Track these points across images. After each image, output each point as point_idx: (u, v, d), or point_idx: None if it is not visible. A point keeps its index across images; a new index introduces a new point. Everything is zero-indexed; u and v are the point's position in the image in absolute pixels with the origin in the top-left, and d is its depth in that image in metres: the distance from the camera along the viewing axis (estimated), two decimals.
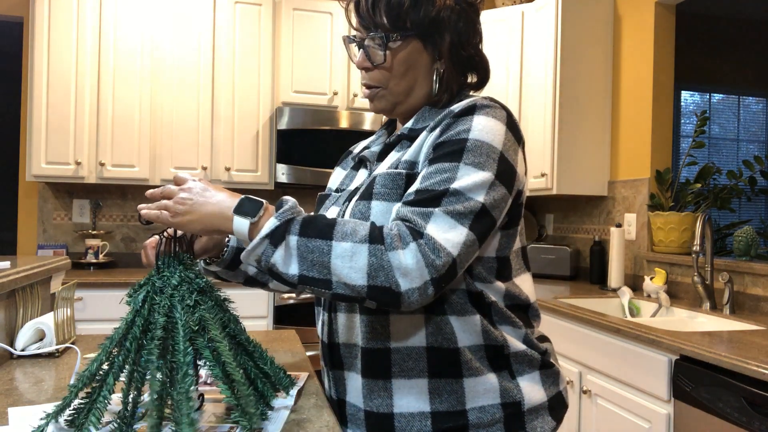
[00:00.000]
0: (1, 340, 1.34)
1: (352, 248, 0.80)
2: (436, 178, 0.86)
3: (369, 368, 0.95)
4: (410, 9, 0.96)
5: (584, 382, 2.15)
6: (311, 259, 0.81)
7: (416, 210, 0.84)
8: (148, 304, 0.85)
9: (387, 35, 0.97)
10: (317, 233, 0.82)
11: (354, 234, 0.82)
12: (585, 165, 3.03)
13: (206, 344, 0.84)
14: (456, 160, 0.87)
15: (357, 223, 0.84)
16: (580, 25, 3.00)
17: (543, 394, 0.99)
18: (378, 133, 1.16)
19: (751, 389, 1.47)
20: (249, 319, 2.96)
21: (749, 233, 2.34)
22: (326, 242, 0.81)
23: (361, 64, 1.02)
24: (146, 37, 3.14)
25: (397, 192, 0.93)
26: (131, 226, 3.46)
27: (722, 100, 5.13)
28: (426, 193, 0.86)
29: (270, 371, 0.96)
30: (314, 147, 3.27)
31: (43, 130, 3.01)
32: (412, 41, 0.99)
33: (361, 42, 1.01)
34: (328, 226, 0.83)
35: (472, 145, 0.89)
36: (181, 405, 0.77)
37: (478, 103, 0.95)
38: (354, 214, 0.95)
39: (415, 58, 1.00)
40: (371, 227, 0.83)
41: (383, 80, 1.01)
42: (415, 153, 0.96)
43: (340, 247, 0.81)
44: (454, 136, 0.90)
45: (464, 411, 0.93)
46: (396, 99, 1.03)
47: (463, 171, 0.86)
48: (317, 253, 0.81)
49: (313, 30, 3.35)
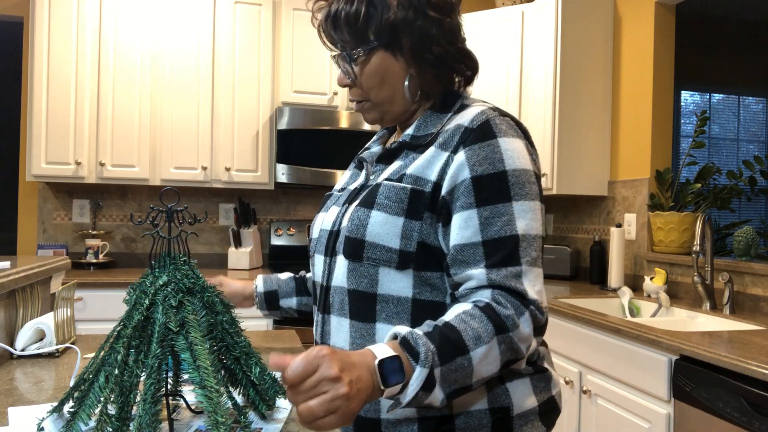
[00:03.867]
0: (1, 340, 1.34)
1: (486, 350, 0.83)
2: (497, 224, 0.89)
3: None
4: (367, 20, 0.95)
5: (584, 382, 2.15)
6: (455, 378, 0.80)
7: (507, 274, 0.88)
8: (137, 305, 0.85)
9: (349, 52, 0.97)
10: (455, 352, 0.80)
11: (481, 335, 0.82)
12: (585, 165, 3.03)
13: (187, 347, 0.83)
14: (506, 199, 0.90)
15: (472, 317, 0.82)
16: (580, 25, 3.00)
17: (533, 400, 0.97)
18: (379, 133, 1.16)
19: (751, 389, 1.47)
20: (249, 319, 2.93)
21: (749, 233, 2.34)
22: (465, 357, 0.81)
23: (340, 82, 1.03)
24: (146, 38, 3.14)
25: (400, 206, 0.92)
26: (131, 226, 3.46)
27: (722, 100, 5.13)
28: (498, 246, 0.88)
29: (256, 380, 0.94)
30: (314, 147, 3.27)
31: (43, 130, 3.01)
32: (377, 52, 0.97)
33: (336, 60, 1.02)
34: (458, 340, 0.80)
35: (512, 176, 0.91)
36: (141, 408, 0.77)
37: (491, 121, 0.93)
38: (352, 221, 0.95)
39: (386, 67, 0.98)
40: (493, 319, 0.83)
41: (363, 94, 1.02)
42: (422, 168, 0.94)
43: (477, 355, 0.82)
44: (490, 170, 0.90)
45: (451, 416, 0.92)
46: (382, 109, 1.02)
47: (517, 208, 0.90)
48: (460, 372, 0.81)
49: (313, 30, 3.34)
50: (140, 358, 0.82)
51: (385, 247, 0.92)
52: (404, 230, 0.92)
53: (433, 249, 0.93)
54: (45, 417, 0.88)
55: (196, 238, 3.50)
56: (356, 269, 0.95)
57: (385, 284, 0.93)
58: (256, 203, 3.61)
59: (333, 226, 1.03)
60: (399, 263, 0.92)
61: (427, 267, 0.93)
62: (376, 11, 0.95)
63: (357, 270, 0.94)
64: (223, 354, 0.92)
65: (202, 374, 0.81)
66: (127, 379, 0.81)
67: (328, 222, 1.05)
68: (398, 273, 0.93)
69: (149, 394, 0.78)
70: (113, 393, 0.81)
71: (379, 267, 0.93)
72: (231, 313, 0.95)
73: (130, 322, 0.84)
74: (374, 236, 0.92)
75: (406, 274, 0.93)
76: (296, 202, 3.70)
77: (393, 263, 0.92)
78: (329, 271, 1.01)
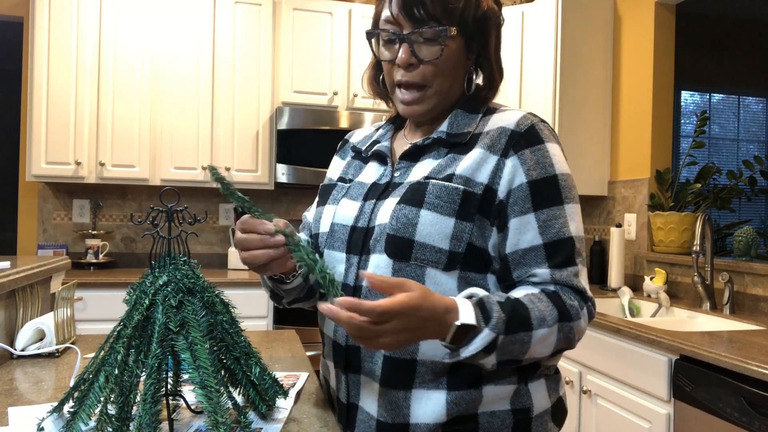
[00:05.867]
0: (1, 340, 1.34)
1: (547, 332, 0.87)
2: (556, 226, 0.92)
3: (390, 377, 0.92)
4: (464, 4, 0.94)
5: (584, 382, 2.15)
6: (511, 350, 0.86)
7: (569, 273, 0.92)
8: (137, 305, 0.85)
9: (444, 29, 0.93)
10: (520, 327, 0.85)
11: (546, 318, 0.87)
12: (585, 165, 3.03)
13: (187, 347, 0.83)
14: (559, 202, 0.93)
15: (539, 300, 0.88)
16: (580, 25, 3.00)
17: (548, 401, 0.97)
18: (386, 127, 1.12)
19: (751, 389, 1.47)
20: (249, 319, 2.95)
21: (749, 233, 2.34)
22: (527, 333, 0.86)
23: (407, 61, 0.95)
24: (146, 39, 3.14)
25: (451, 207, 0.91)
26: (131, 226, 3.46)
27: (722, 100, 5.13)
28: (558, 248, 0.92)
29: (256, 380, 0.94)
30: (314, 147, 3.27)
31: (43, 130, 3.01)
32: (460, 39, 0.96)
33: (405, 36, 0.94)
34: (526, 317, 0.86)
35: (562, 180, 0.95)
36: (141, 408, 0.77)
37: (535, 126, 0.96)
38: (398, 219, 0.92)
39: (459, 55, 0.97)
40: (558, 305, 0.89)
41: (429, 78, 0.96)
42: (472, 170, 0.93)
43: (538, 335, 0.87)
44: (543, 174, 0.93)
45: (476, 415, 0.92)
46: (437, 99, 0.98)
47: (568, 211, 0.94)
48: (518, 345, 0.86)
49: (313, 30, 3.35)
50: (140, 358, 0.81)
51: (435, 247, 0.90)
52: (455, 231, 0.90)
53: (480, 251, 0.92)
54: (45, 417, 0.88)
55: (196, 238, 3.50)
56: (402, 269, 0.92)
57: (431, 285, 0.91)
58: (257, 203, 3.59)
59: (357, 221, 0.98)
60: (447, 264, 0.91)
61: (472, 268, 0.93)
62: (471, 1, 0.95)
63: (403, 270, 0.91)
64: (223, 354, 0.91)
65: (202, 374, 0.81)
66: (127, 379, 0.81)
67: (346, 216, 1.01)
68: (444, 274, 0.91)
69: (149, 394, 0.78)
70: (113, 393, 0.81)
71: (426, 267, 0.91)
72: (231, 313, 0.95)
73: (130, 322, 0.84)
74: (424, 236, 0.90)
75: (452, 275, 0.91)
76: (296, 202, 3.70)
77: (441, 264, 0.91)
78: (358, 269, 0.96)
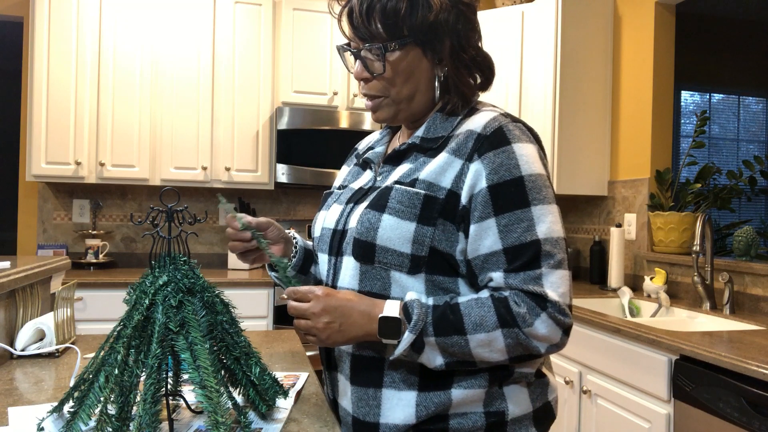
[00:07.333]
0: (1, 340, 1.34)
1: (487, 337, 0.87)
2: (517, 231, 0.90)
3: (357, 375, 0.95)
4: (407, 15, 0.93)
5: (584, 382, 2.15)
6: (452, 352, 0.89)
7: (526, 277, 0.89)
8: (137, 305, 0.85)
9: (384, 45, 0.95)
10: (451, 330, 0.88)
11: (483, 323, 0.88)
12: (585, 165, 3.03)
13: (187, 347, 0.83)
14: (524, 204, 0.91)
15: (480, 306, 0.89)
16: (580, 25, 3.00)
17: (529, 405, 0.97)
18: (383, 132, 1.15)
19: (751, 389, 1.47)
20: (249, 319, 2.95)
21: (749, 233, 2.34)
22: (462, 337, 0.88)
23: (359, 75, 0.99)
24: (146, 39, 3.14)
25: (412, 211, 0.91)
26: (131, 226, 3.46)
27: (722, 100, 5.13)
28: (519, 252, 0.90)
29: (256, 380, 0.94)
30: (314, 147, 3.27)
31: (43, 130, 3.01)
32: (411, 48, 0.96)
33: (357, 52, 0.98)
34: (458, 321, 0.88)
35: (529, 181, 0.92)
36: (141, 408, 0.77)
37: (503, 127, 0.93)
38: (362, 223, 0.94)
39: (416, 64, 0.97)
40: (497, 310, 0.88)
41: (383, 89, 0.99)
42: (436, 174, 0.93)
43: (475, 339, 0.88)
44: (507, 177, 0.91)
45: (446, 416, 0.93)
46: (398, 107, 1.00)
47: (536, 213, 0.91)
48: (457, 347, 0.88)
49: (313, 30, 3.35)
50: (140, 358, 0.81)
51: (396, 251, 0.92)
52: (416, 235, 0.91)
53: (445, 255, 0.93)
54: (45, 417, 0.88)
55: (196, 238, 3.50)
56: (368, 272, 0.94)
57: (398, 287, 0.93)
58: (257, 203, 3.61)
59: (337, 225, 1.02)
60: (410, 268, 0.92)
61: (439, 271, 0.93)
62: (416, 9, 0.93)
63: (369, 273, 0.94)
64: (223, 354, 0.92)
65: (202, 374, 0.81)
66: (127, 379, 0.81)
67: (330, 220, 1.04)
68: (410, 277, 0.93)
69: (149, 394, 0.78)
70: (113, 393, 0.81)
71: (391, 270, 0.93)
72: (231, 313, 0.95)
73: (130, 322, 0.84)
74: (385, 240, 0.92)
75: (418, 278, 0.93)
76: (296, 202, 3.70)
77: (404, 267, 0.92)
78: (335, 270, 1.00)
